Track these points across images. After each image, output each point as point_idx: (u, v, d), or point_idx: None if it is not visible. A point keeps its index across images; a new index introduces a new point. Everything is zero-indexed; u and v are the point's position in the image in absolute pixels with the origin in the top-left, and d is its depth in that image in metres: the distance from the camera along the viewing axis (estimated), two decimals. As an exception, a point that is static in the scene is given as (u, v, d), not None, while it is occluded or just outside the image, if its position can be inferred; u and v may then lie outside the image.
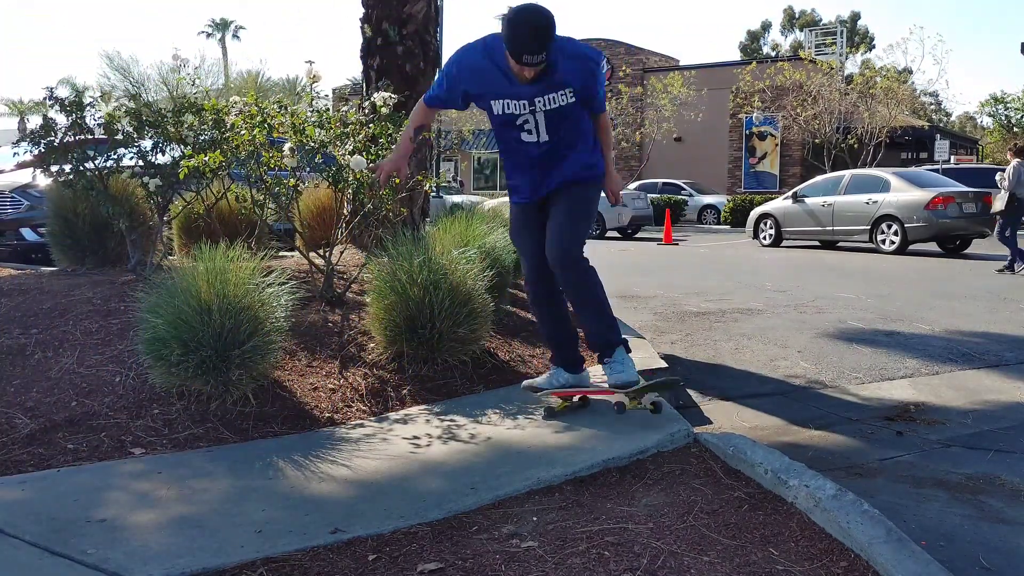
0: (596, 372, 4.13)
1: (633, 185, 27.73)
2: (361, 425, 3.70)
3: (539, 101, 3.56)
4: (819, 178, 17.46)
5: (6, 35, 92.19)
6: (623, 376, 3.72)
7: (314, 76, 4.98)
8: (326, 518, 2.71)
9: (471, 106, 3.77)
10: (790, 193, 17.13)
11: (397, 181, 4.21)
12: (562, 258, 3.66)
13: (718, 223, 27.03)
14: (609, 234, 20.25)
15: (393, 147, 4.99)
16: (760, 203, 20.02)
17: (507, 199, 4.15)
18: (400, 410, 3.92)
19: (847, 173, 16.62)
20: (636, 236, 20.87)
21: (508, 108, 3.59)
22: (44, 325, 4.56)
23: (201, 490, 2.94)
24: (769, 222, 16.98)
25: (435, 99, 3.78)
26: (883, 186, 15.31)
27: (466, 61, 3.61)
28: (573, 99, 3.59)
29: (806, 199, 16.24)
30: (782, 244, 16.71)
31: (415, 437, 3.55)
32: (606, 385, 3.83)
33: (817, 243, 16.33)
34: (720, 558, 2.50)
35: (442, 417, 3.81)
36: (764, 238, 17.04)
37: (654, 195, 26.62)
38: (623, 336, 3.86)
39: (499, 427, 3.68)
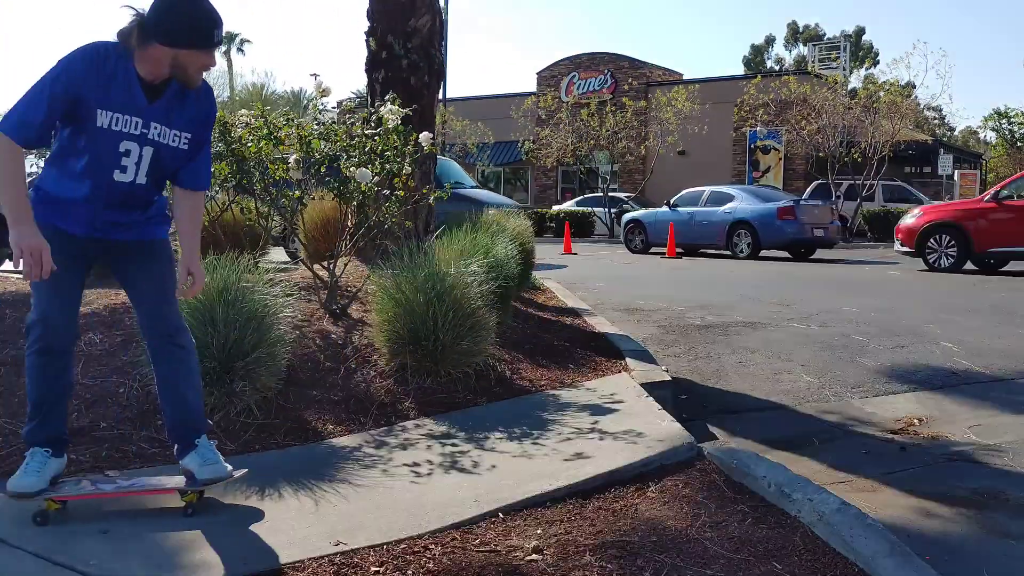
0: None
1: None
2: (364, 437, 3.70)
3: (154, 128, 2.81)
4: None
5: (10, 43, 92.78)
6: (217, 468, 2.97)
7: (323, 90, 5.00)
8: (328, 530, 2.71)
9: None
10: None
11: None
12: (180, 325, 3.06)
13: None
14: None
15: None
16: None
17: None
18: (402, 422, 3.92)
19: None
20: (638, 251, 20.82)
21: (116, 124, 2.75)
22: (49, 336, 4.57)
23: (202, 501, 2.94)
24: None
25: (31, 128, 2.68)
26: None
27: (80, 62, 2.71)
28: (186, 147, 2.91)
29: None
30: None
31: (417, 449, 3.55)
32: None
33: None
34: (723, 571, 2.50)
35: (444, 429, 3.81)
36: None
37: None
38: None
39: (502, 439, 3.68)
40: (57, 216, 2.82)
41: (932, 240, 14.42)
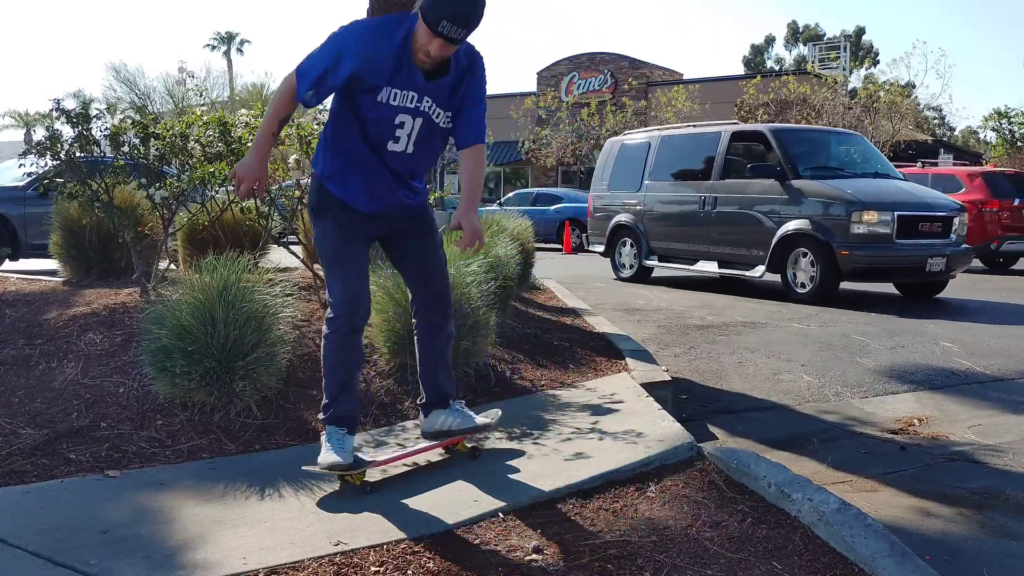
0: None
1: None
2: (364, 437, 3.70)
3: (427, 102, 3.00)
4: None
5: (12, 47, 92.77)
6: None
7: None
8: (328, 530, 2.71)
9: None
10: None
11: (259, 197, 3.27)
12: (447, 298, 3.37)
13: None
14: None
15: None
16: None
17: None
18: (402, 422, 3.91)
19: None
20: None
21: (394, 99, 2.96)
22: (48, 336, 4.58)
23: (203, 501, 2.94)
24: None
25: (309, 80, 2.94)
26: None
27: (356, 35, 2.93)
28: (448, 125, 3.09)
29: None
30: None
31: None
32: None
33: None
34: (723, 572, 2.50)
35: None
36: None
37: None
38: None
39: (501, 440, 3.67)
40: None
41: None
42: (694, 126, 11.58)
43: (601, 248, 12.16)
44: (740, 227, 9.81)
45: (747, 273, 9.70)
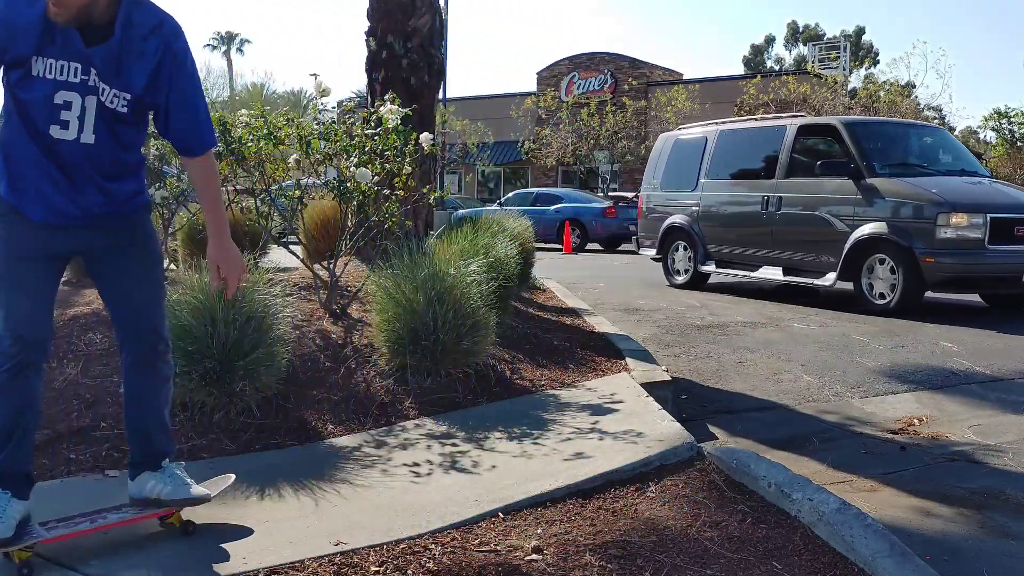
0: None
1: None
2: (364, 437, 3.70)
3: (94, 75, 2.39)
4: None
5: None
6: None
7: (323, 90, 5.00)
8: (328, 530, 2.71)
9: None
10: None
11: None
12: (161, 333, 2.75)
13: None
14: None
15: (399, 158, 4.97)
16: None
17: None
18: (402, 422, 3.92)
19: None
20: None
21: (51, 71, 2.36)
22: (49, 336, 4.57)
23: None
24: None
25: None
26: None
27: None
28: (125, 109, 2.44)
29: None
30: None
31: (417, 449, 3.55)
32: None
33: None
34: (723, 571, 2.50)
35: (444, 429, 3.81)
36: None
37: None
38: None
39: (501, 440, 3.67)
40: None
41: None
42: (756, 119, 10.70)
43: (653, 251, 11.16)
44: (808, 230, 8.88)
45: (816, 281, 8.77)
